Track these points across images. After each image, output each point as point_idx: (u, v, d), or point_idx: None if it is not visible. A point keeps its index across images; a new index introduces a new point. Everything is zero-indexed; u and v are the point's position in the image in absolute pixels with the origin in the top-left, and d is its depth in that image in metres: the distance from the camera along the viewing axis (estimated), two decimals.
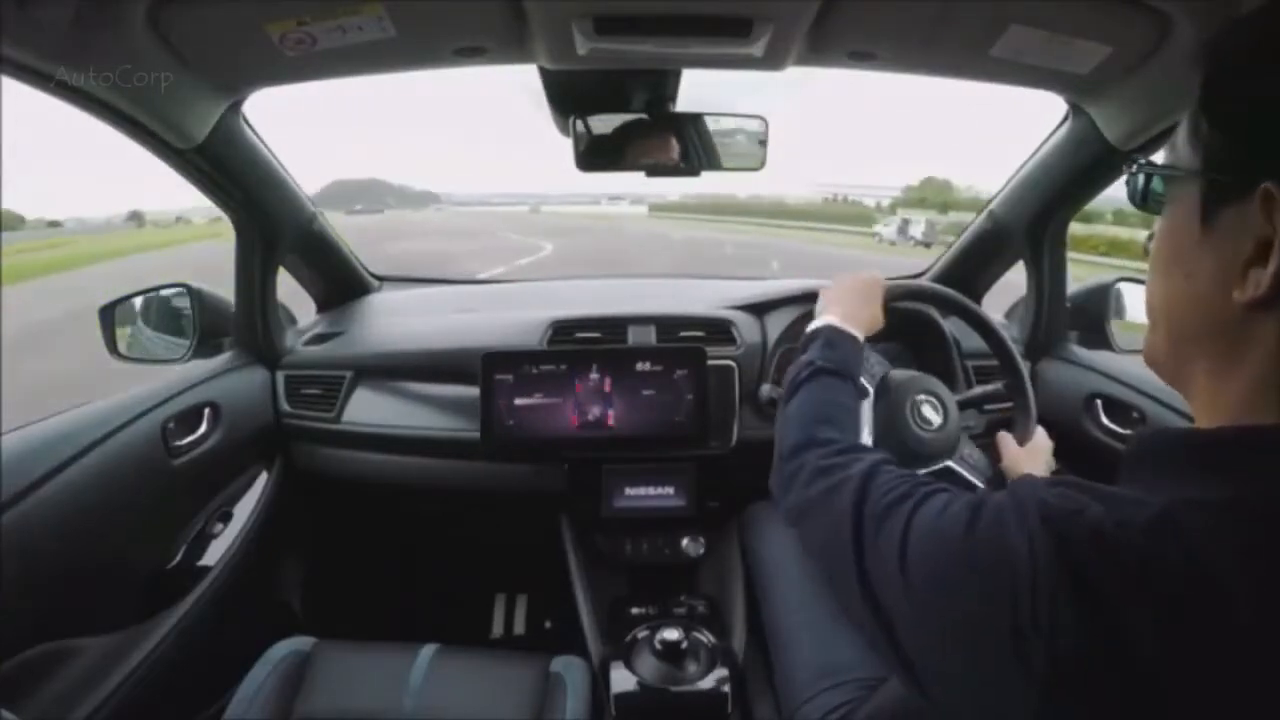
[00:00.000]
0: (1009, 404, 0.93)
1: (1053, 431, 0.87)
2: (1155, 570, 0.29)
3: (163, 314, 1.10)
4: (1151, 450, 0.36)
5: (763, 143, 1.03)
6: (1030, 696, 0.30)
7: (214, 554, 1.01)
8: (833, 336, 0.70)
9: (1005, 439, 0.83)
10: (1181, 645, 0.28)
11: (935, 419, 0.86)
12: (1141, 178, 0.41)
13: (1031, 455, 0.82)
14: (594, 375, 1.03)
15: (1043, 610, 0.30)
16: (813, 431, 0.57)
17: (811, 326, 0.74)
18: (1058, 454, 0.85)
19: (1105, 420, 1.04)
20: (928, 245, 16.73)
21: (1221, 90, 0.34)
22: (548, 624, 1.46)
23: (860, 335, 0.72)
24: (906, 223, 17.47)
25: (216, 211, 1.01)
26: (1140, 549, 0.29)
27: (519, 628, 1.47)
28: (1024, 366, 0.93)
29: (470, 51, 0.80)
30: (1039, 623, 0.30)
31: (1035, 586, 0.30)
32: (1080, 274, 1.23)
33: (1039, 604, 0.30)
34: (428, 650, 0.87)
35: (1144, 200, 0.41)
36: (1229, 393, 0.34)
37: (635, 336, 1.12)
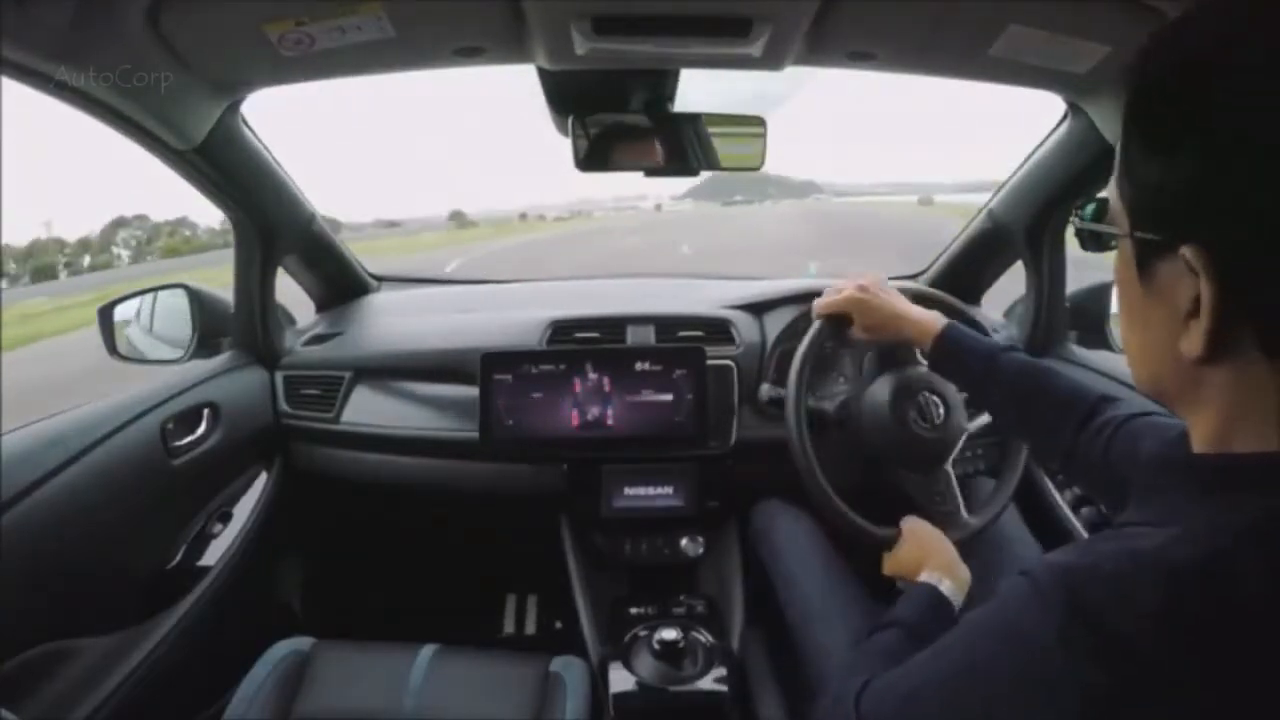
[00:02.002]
0: None
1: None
2: (1182, 602, 0.29)
3: (162, 314, 1.10)
4: (1164, 476, 0.37)
5: (761, 142, 1.03)
6: None
7: (214, 554, 1.01)
8: (940, 605, 0.68)
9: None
10: (1211, 669, 0.28)
11: (937, 417, 0.86)
12: (1087, 230, 0.40)
13: (871, 298, 0.81)
14: (593, 375, 1.03)
15: (1068, 664, 0.30)
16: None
17: (924, 578, 0.71)
18: None
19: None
20: None
21: (1132, 150, 0.34)
22: (558, 624, 1.45)
23: (958, 602, 0.70)
24: None
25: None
26: (1166, 585, 0.29)
27: (530, 628, 1.47)
28: None
29: (469, 51, 0.80)
30: (1066, 675, 0.30)
31: (1057, 648, 0.31)
32: None
33: (1063, 663, 0.30)
34: (427, 650, 0.87)
35: (1094, 246, 0.40)
36: (1207, 425, 0.34)
37: (634, 336, 1.12)
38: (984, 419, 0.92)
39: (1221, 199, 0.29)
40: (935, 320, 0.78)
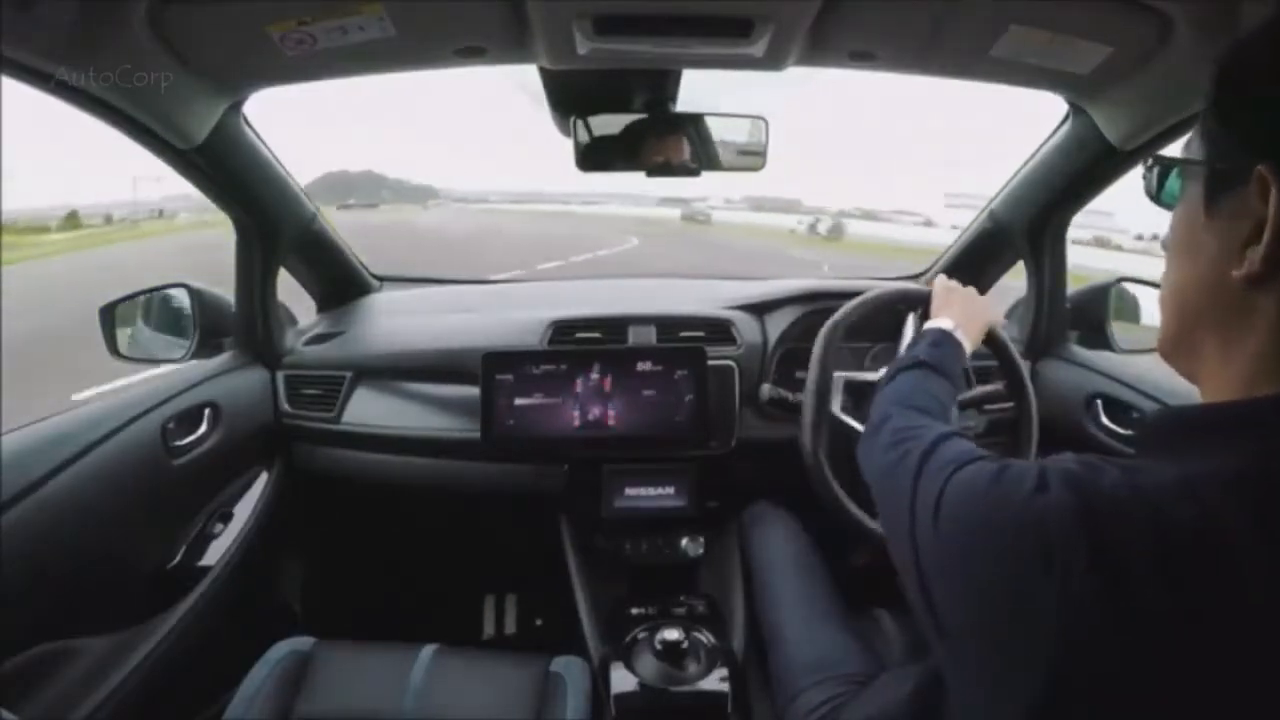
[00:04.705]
0: (1009, 404, 0.93)
1: (1053, 432, 0.87)
2: (1168, 531, 0.30)
3: (163, 314, 1.10)
4: (1165, 427, 0.38)
5: (763, 143, 1.03)
6: (1042, 645, 0.31)
7: (214, 554, 1.01)
8: (941, 339, 0.76)
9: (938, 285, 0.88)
10: (1188, 605, 0.29)
11: None
12: (1155, 174, 0.43)
13: (952, 298, 0.86)
14: (594, 375, 1.02)
15: (1057, 561, 0.31)
16: (901, 408, 0.62)
17: (927, 325, 0.80)
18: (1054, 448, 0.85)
19: (1105, 420, 1.04)
20: (838, 238, 22.33)
21: (1228, 90, 0.36)
22: (539, 621, 1.46)
23: (968, 346, 0.78)
24: (816, 220, 23.71)
25: (209, 208, 1.00)
26: (1155, 510, 0.31)
27: (510, 627, 1.47)
28: (1024, 367, 0.93)
29: (470, 51, 0.80)
30: (1053, 573, 0.31)
31: (1051, 541, 0.32)
32: None
33: (1054, 556, 0.31)
34: (428, 650, 0.87)
35: (1158, 195, 0.43)
36: (1235, 369, 0.36)
37: (635, 336, 1.12)
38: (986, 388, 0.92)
39: None
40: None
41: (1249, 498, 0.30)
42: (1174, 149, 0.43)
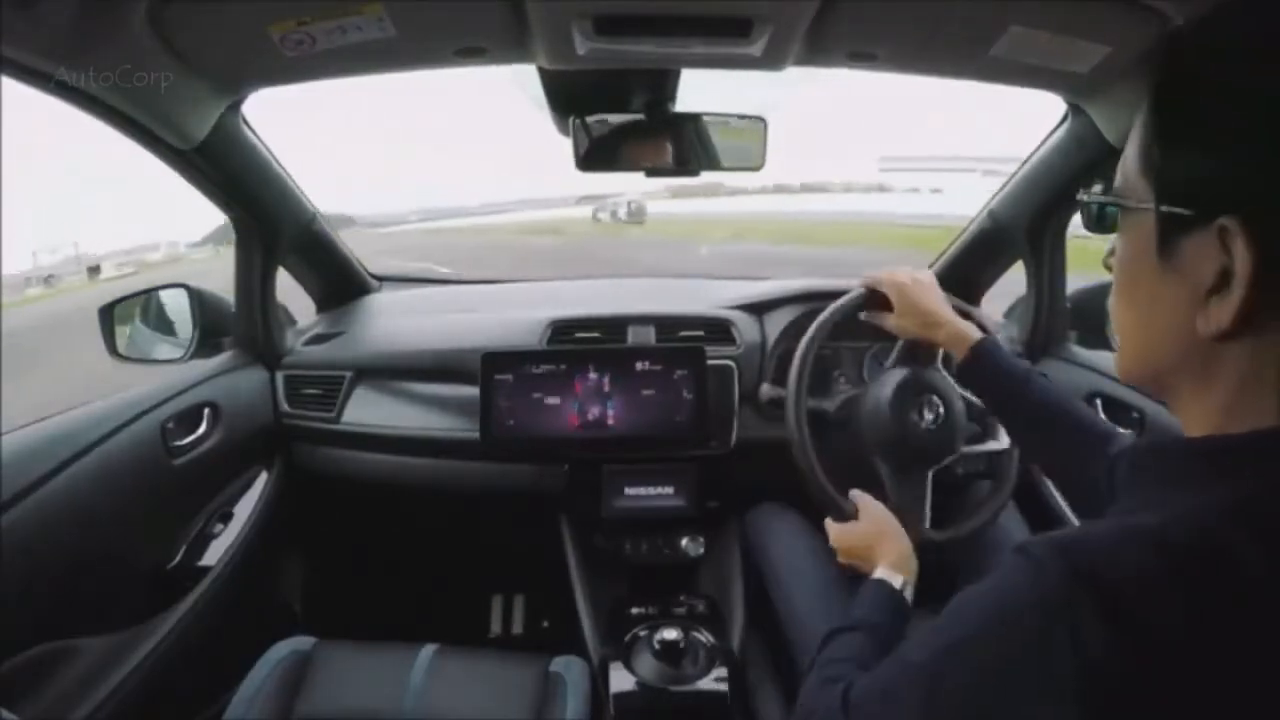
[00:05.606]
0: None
1: None
2: (1176, 569, 0.29)
3: (162, 314, 1.10)
4: (1150, 463, 0.36)
5: (762, 142, 1.03)
6: (1067, 711, 0.29)
7: (214, 554, 1.01)
8: (890, 603, 0.66)
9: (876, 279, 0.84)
10: (1213, 634, 0.28)
11: (936, 420, 0.86)
12: (1094, 210, 0.40)
13: (918, 292, 0.81)
14: (593, 375, 1.03)
15: (1064, 631, 0.30)
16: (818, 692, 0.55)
17: (875, 576, 0.69)
18: None
19: (1105, 420, 1.04)
20: (639, 221, 20.90)
21: (1172, 117, 0.33)
22: (545, 623, 1.46)
23: (908, 585, 0.69)
24: (618, 207, 22.47)
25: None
26: (1158, 554, 0.29)
27: (516, 627, 1.47)
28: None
29: (470, 52, 0.80)
30: (1065, 643, 0.29)
31: (1054, 613, 0.30)
32: None
33: (1060, 629, 0.30)
34: (428, 650, 0.87)
35: (1099, 224, 0.40)
36: (1209, 406, 0.34)
37: (635, 336, 1.12)
38: (987, 445, 0.92)
39: (1271, 174, 0.29)
40: (971, 331, 0.78)
41: (1248, 526, 0.29)
42: None
